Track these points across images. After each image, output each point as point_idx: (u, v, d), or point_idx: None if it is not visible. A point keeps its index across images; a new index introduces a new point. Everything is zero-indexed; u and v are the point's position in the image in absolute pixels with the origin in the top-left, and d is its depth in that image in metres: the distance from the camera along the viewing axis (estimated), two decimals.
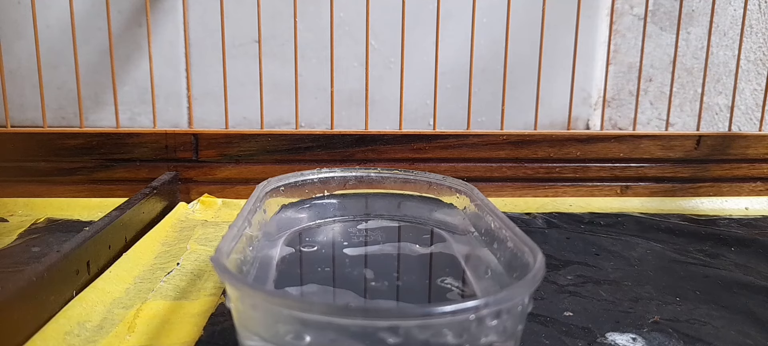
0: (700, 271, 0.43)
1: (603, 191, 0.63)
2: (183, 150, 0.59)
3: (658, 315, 0.36)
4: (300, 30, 0.60)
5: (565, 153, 0.62)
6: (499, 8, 0.62)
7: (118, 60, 0.62)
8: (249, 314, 0.26)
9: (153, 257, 0.44)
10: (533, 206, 0.59)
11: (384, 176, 0.45)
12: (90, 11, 0.62)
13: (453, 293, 0.34)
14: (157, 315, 0.35)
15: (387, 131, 0.61)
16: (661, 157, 0.63)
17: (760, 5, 0.71)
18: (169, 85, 0.64)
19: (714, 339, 0.33)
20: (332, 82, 0.60)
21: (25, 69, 0.61)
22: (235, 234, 0.31)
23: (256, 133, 0.60)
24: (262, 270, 0.35)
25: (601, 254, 0.46)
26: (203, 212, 0.55)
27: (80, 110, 0.59)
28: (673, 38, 0.66)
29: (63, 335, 0.32)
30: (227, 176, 0.60)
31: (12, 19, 0.62)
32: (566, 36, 0.63)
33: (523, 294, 0.25)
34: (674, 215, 0.57)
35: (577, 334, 0.33)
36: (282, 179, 0.43)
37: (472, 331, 0.24)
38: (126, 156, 0.59)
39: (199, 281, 0.40)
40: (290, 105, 0.62)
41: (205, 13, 0.63)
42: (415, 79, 0.66)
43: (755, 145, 0.63)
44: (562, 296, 0.38)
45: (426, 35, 0.64)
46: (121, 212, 0.46)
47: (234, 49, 0.63)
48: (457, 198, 0.43)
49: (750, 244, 0.48)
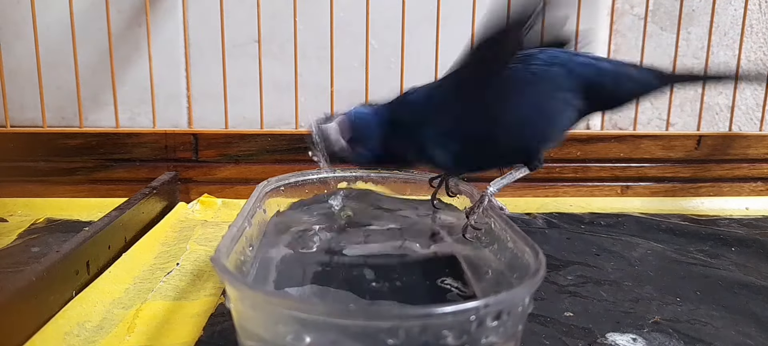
0: (701, 271, 0.43)
1: (603, 191, 0.63)
2: (183, 150, 0.59)
3: (658, 315, 0.36)
4: (300, 30, 0.60)
5: (565, 153, 0.62)
6: (498, 8, 0.62)
7: (117, 60, 0.61)
8: (249, 314, 0.26)
9: (153, 257, 0.44)
10: (533, 206, 0.59)
11: (384, 176, 0.45)
12: (90, 11, 0.62)
13: (453, 294, 0.34)
14: (157, 315, 0.35)
15: None
16: (662, 157, 0.63)
17: (760, 5, 0.71)
18: (168, 85, 0.64)
19: (714, 339, 0.33)
20: (332, 82, 0.60)
21: (24, 69, 0.61)
22: (235, 234, 0.31)
23: (256, 133, 0.60)
24: (262, 270, 0.35)
25: (601, 254, 0.46)
26: (203, 212, 0.55)
27: (80, 110, 0.59)
28: (673, 38, 0.65)
29: (63, 335, 0.32)
30: (227, 176, 0.60)
31: (12, 19, 0.62)
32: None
33: (523, 295, 0.25)
34: (675, 215, 0.57)
35: (578, 334, 0.33)
36: (282, 179, 0.43)
37: (472, 332, 0.24)
38: (126, 156, 0.59)
39: (199, 281, 0.40)
40: (290, 105, 0.62)
41: (205, 13, 0.63)
42: (415, 80, 0.66)
43: (756, 145, 0.63)
44: (562, 296, 0.38)
45: (426, 35, 0.64)
46: (121, 212, 0.46)
47: (234, 49, 0.63)
48: (457, 198, 0.43)
49: (750, 244, 0.48)
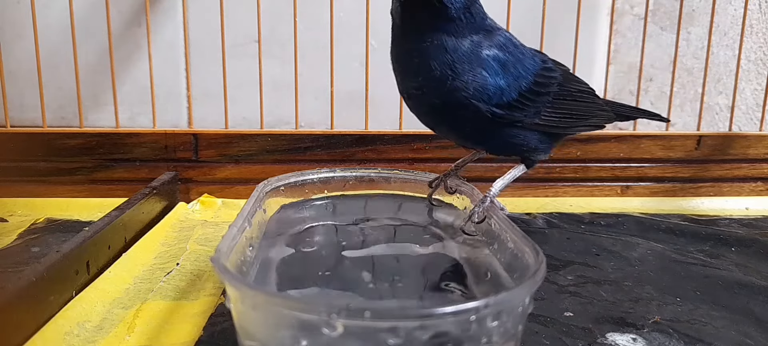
0: (701, 271, 0.43)
1: (603, 191, 0.63)
2: (183, 150, 0.59)
3: (658, 315, 0.36)
4: (300, 30, 0.60)
5: (565, 153, 0.62)
6: (499, 8, 0.62)
7: (117, 60, 0.61)
8: (249, 314, 0.26)
9: (153, 257, 0.44)
10: (533, 206, 0.59)
11: (384, 176, 0.45)
12: (90, 11, 0.62)
13: (453, 294, 0.34)
14: (157, 315, 0.35)
15: (387, 131, 0.61)
16: (662, 158, 0.63)
17: (760, 5, 0.71)
18: (168, 85, 0.64)
19: (714, 339, 0.33)
20: (332, 82, 0.60)
21: (24, 69, 0.61)
22: (235, 234, 0.31)
23: (256, 133, 0.60)
24: (262, 270, 0.35)
25: (601, 254, 0.46)
26: (203, 212, 0.55)
27: (80, 110, 0.59)
28: (673, 38, 0.65)
29: (62, 335, 0.32)
30: (227, 176, 0.60)
31: (12, 19, 0.62)
32: (566, 36, 0.63)
33: (523, 295, 0.25)
34: (675, 215, 0.57)
35: (578, 334, 0.33)
36: (282, 179, 0.43)
37: (472, 332, 0.24)
38: (126, 156, 0.59)
39: (199, 281, 0.40)
40: (290, 105, 0.62)
41: (205, 13, 0.63)
42: None
43: (756, 145, 0.63)
44: (562, 296, 0.38)
45: None
46: (121, 212, 0.46)
47: (234, 49, 0.63)
48: (457, 198, 0.43)
49: (751, 244, 0.48)
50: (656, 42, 0.70)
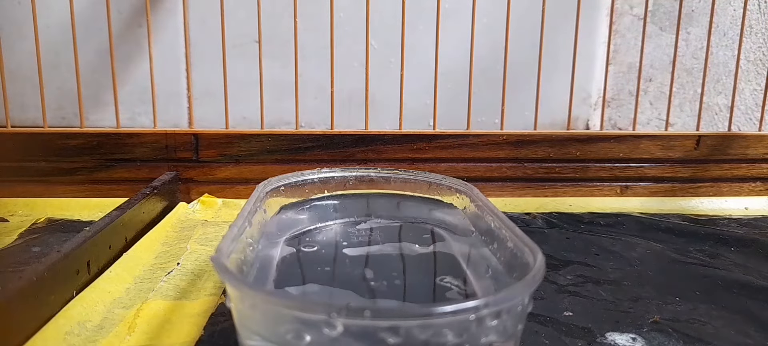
0: (700, 271, 0.43)
1: (603, 191, 0.63)
2: (183, 150, 0.59)
3: (658, 315, 0.36)
4: (300, 30, 0.60)
5: (564, 153, 0.62)
6: (499, 8, 0.62)
7: (118, 60, 0.62)
8: (249, 314, 0.26)
9: (153, 257, 0.44)
10: (533, 206, 0.59)
11: (384, 176, 0.45)
12: (90, 11, 0.62)
13: (453, 293, 0.34)
14: (158, 315, 0.35)
15: (387, 131, 0.61)
16: (661, 158, 0.63)
17: (759, 5, 0.71)
18: (169, 85, 0.64)
19: (714, 339, 0.33)
20: (332, 82, 0.60)
21: (25, 69, 0.61)
22: (236, 234, 0.31)
23: (256, 133, 0.60)
24: (263, 270, 0.35)
25: (601, 254, 0.46)
26: (203, 212, 0.55)
27: (80, 110, 0.59)
28: (672, 38, 0.66)
29: (63, 334, 0.32)
30: (227, 176, 0.60)
31: (12, 19, 0.62)
32: (566, 36, 0.63)
33: (523, 294, 0.25)
34: (674, 215, 0.57)
35: (577, 334, 0.33)
36: (282, 179, 0.43)
37: (472, 331, 0.24)
38: (126, 156, 0.59)
39: (200, 281, 0.40)
40: (290, 105, 0.62)
41: (205, 13, 0.63)
42: (415, 79, 0.66)
43: (755, 146, 0.63)
44: (562, 295, 0.38)
45: (426, 35, 0.64)
46: (122, 212, 0.46)
47: (234, 49, 0.63)
48: (457, 198, 0.43)
49: (750, 244, 0.48)
50: (656, 42, 0.70)
